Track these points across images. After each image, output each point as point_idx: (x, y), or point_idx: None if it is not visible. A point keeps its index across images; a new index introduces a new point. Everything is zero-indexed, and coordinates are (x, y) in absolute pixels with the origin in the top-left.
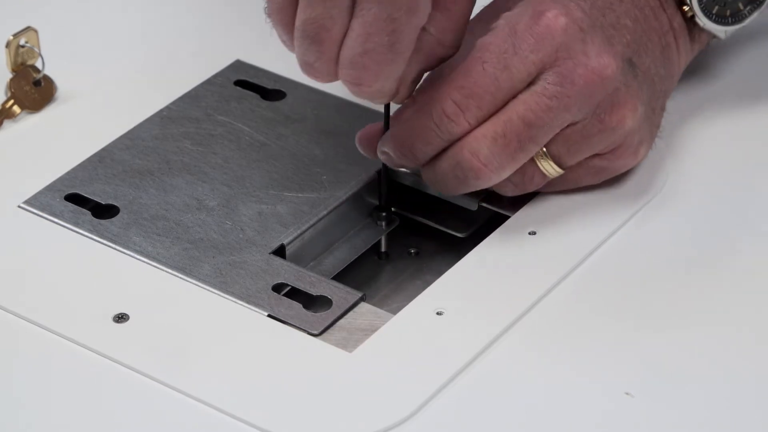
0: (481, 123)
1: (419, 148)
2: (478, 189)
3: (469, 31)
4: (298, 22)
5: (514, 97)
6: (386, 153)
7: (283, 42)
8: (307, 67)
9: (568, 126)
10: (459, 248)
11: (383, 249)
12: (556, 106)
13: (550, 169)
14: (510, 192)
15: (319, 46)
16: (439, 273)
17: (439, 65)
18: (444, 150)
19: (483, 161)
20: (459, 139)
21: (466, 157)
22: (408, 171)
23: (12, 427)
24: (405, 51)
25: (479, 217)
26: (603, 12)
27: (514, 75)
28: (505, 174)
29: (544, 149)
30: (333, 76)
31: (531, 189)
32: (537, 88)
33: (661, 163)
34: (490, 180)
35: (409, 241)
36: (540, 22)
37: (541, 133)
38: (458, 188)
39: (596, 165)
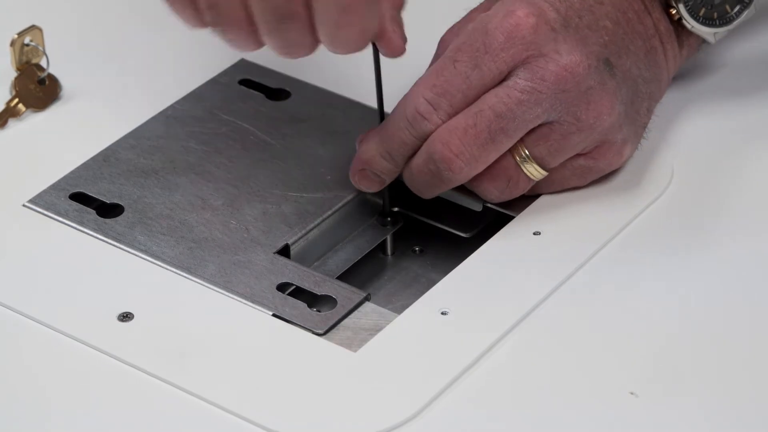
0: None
1: (395, 148)
2: (453, 184)
3: (453, 34)
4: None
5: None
6: (363, 170)
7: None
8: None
9: (545, 125)
10: (463, 248)
11: (388, 249)
12: (527, 100)
13: (534, 172)
14: (495, 198)
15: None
16: (444, 273)
17: None
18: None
19: (454, 151)
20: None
21: (438, 149)
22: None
23: (16, 425)
24: None
25: (484, 218)
26: (579, 14)
27: (485, 73)
28: (478, 166)
29: (527, 152)
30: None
31: (516, 194)
32: (509, 83)
33: (665, 162)
34: (462, 171)
35: (413, 241)
36: (510, 21)
37: (512, 125)
38: (433, 183)
39: (581, 165)
